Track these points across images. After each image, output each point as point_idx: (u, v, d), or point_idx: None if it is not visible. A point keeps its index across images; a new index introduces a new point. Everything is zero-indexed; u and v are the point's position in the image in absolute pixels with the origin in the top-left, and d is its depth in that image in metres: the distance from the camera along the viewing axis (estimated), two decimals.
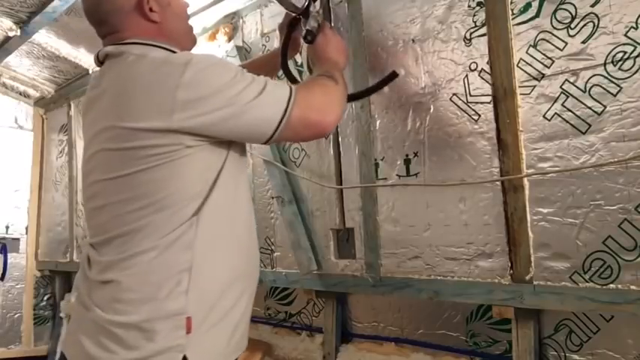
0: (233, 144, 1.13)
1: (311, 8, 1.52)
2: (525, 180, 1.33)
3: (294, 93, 1.10)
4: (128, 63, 1.10)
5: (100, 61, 1.19)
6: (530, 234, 1.32)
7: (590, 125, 1.23)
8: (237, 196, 1.18)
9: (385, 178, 1.64)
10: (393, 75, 1.47)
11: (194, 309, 1.04)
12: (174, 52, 1.16)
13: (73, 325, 1.15)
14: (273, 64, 1.60)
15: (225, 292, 1.11)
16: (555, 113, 1.28)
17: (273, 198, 2.01)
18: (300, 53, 1.82)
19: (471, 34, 1.43)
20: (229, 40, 2.20)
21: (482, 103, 1.41)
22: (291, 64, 1.66)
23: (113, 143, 1.07)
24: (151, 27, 1.17)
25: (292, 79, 1.56)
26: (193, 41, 1.29)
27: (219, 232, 1.12)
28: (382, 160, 1.64)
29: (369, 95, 1.64)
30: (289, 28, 1.55)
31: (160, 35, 1.17)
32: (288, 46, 1.55)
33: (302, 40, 1.46)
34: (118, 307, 1.04)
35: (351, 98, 1.47)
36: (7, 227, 3.65)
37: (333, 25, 1.76)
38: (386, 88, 1.62)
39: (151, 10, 1.15)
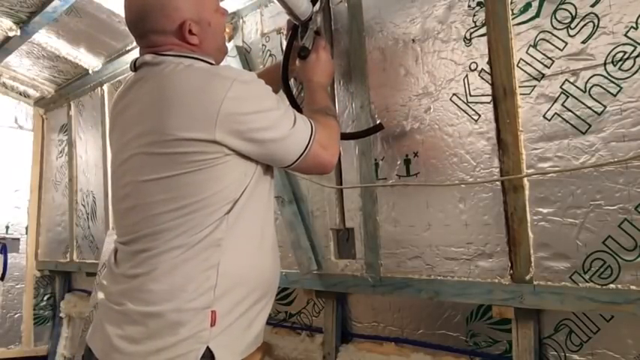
0: None
1: (311, 23, 1.53)
2: (525, 180, 1.33)
3: (314, 130, 1.19)
4: (168, 72, 1.14)
5: (135, 68, 1.23)
6: (530, 234, 1.32)
7: (590, 125, 1.23)
8: (265, 201, 1.23)
9: (385, 178, 1.63)
10: (379, 127, 1.59)
11: (219, 304, 1.09)
12: (211, 63, 1.21)
13: (99, 320, 1.19)
14: (277, 74, 1.61)
15: (249, 292, 1.16)
16: (555, 113, 1.28)
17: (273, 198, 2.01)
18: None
19: (471, 34, 1.43)
20: (229, 40, 2.19)
21: (482, 103, 1.41)
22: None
23: (153, 148, 1.11)
24: (189, 46, 1.20)
25: (288, 91, 1.57)
26: (225, 53, 1.35)
27: (248, 234, 1.16)
28: (382, 160, 1.64)
29: (350, 139, 1.70)
30: (291, 37, 1.57)
31: (197, 51, 1.21)
32: (289, 55, 1.57)
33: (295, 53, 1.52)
34: (147, 298, 1.09)
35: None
36: (7, 227, 3.66)
37: (333, 26, 1.76)
38: (386, 87, 1.62)
39: (190, 32, 1.18)
